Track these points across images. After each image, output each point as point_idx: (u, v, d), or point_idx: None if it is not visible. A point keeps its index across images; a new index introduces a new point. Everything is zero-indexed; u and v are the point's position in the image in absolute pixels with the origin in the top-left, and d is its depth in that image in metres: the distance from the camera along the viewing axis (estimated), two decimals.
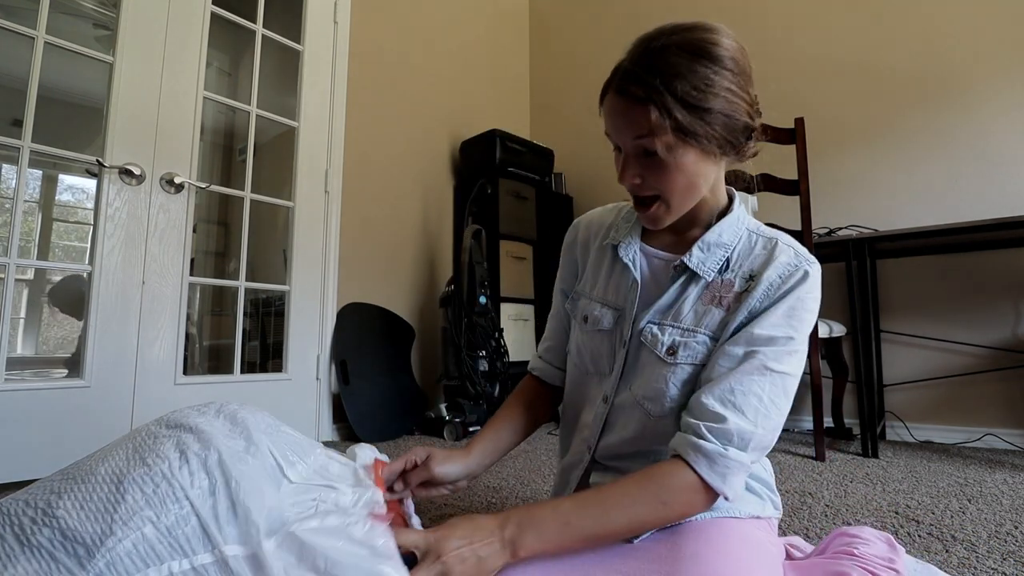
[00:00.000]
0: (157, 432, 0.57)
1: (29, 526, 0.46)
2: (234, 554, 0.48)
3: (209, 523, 0.48)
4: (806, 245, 1.85)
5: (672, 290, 0.72)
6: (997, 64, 2.21)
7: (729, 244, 0.71)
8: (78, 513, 0.46)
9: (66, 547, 0.45)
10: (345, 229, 2.44)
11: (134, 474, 0.50)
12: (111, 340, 1.74)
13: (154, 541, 0.46)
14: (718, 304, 0.69)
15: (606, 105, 0.68)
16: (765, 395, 0.63)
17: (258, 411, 0.64)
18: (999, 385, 2.11)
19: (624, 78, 0.64)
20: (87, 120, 3.20)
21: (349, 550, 0.51)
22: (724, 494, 0.62)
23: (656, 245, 0.78)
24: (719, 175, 0.72)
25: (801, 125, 1.91)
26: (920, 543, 1.07)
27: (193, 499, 0.49)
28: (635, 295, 0.75)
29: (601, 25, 3.43)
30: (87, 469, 0.51)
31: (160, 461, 0.51)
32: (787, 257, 0.68)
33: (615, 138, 0.68)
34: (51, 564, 0.44)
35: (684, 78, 0.62)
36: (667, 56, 0.63)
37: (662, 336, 0.70)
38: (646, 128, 0.63)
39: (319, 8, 2.41)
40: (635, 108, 0.63)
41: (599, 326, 0.78)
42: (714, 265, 0.70)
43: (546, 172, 3.12)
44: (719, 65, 0.63)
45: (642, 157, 0.66)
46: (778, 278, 0.67)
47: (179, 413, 0.61)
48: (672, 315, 0.71)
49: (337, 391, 2.30)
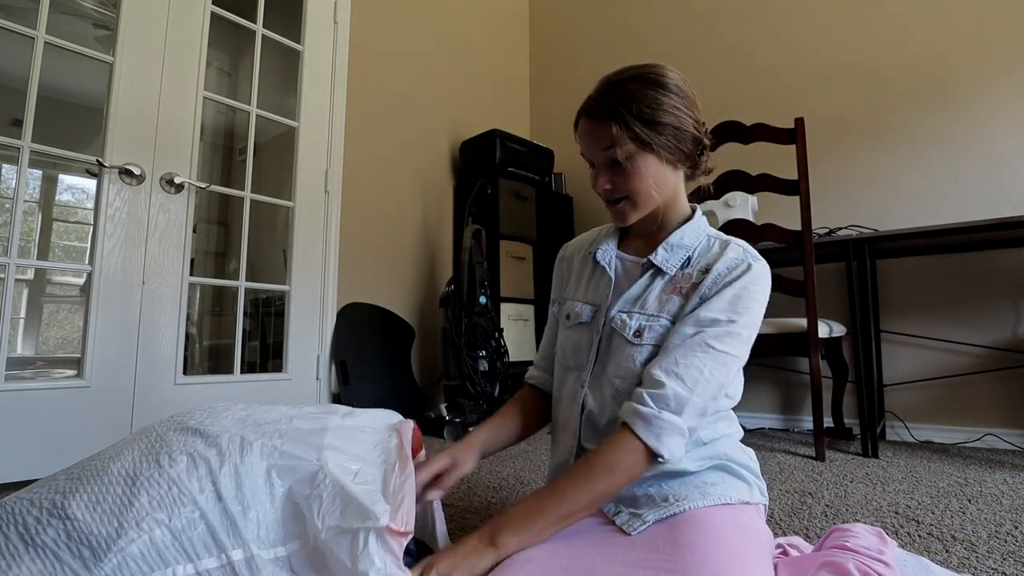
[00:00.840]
0: (166, 434, 0.57)
1: (34, 525, 0.46)
2: (238, 559, 0.48)
3: (217, 528, 0.48)
4: (806, 245, 1.86)
5: (639, 283, 0.84)
6: (997, 64, 2.21)
7: (690, 246, 0.84)
8: (91, 512, 0.47)
9: (71, 547, 0.45)
10: (345, 229, 2.44)
11: (146, 475, 0.50)
12: (111, 340, 1.74)
13: (161, 545, 0.47)
14: (678, 293, 0.80)
15: (579, 129, 0.83)
16: (705, 368, 0.73)
17: (270, 408, 0.64)
18: (999, 385, 2.11)
19: (591, 104, 0.81)
20: (87, 120, 3.20)
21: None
22: (660, 453, 0.70)
23: (630, 251, 0.90)
24: (679, 186, 0.85)
25: (801, 125, 1.91)
26: (920, 543, 1.07)
27: (201, 504, 0.49)
28: (610, 291, 0.86)
29: (601, 25, 3.43)
30: (96, 468, 0.51)
31: (171, 464, 0.51)
32: (735, 253, 0.80)
33: (588, 154, 0.83)
34: (55, 564, 0.44)
35: (638, 100, 0.77)
36: (624, 85, 0.79)
37: (630, 321, 0.81)
38: (610, 140, 0.78)
39: (319, 8, 2.41)
40: (601, 125, 0.78)
41: (579, 319, 0.89)
42: (676, 263, 0.83)
43: (546, 172, 3.13)
44: (666, 90, 0.79)
45: (610, 166, 0.81)
46: (726, 269, 0.78)
47: (188, 415, 0.61)
48: (639, 304, 0.82)
49: (337, 391, 2.30)
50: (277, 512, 0.54)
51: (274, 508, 0.54)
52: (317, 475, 0.56)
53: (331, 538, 0.53)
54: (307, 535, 0.54)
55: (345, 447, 0.62)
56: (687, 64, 3.00)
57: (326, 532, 0.53)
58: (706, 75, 2.92)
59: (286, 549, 0.52)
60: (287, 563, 0.52)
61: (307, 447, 0.59)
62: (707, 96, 3.08)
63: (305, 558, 0.53)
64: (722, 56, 2.89)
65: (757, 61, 2.79)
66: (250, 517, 0.51)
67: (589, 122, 0.80)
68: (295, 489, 0.55)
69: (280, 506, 0.54)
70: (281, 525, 0.53)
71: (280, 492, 0.55)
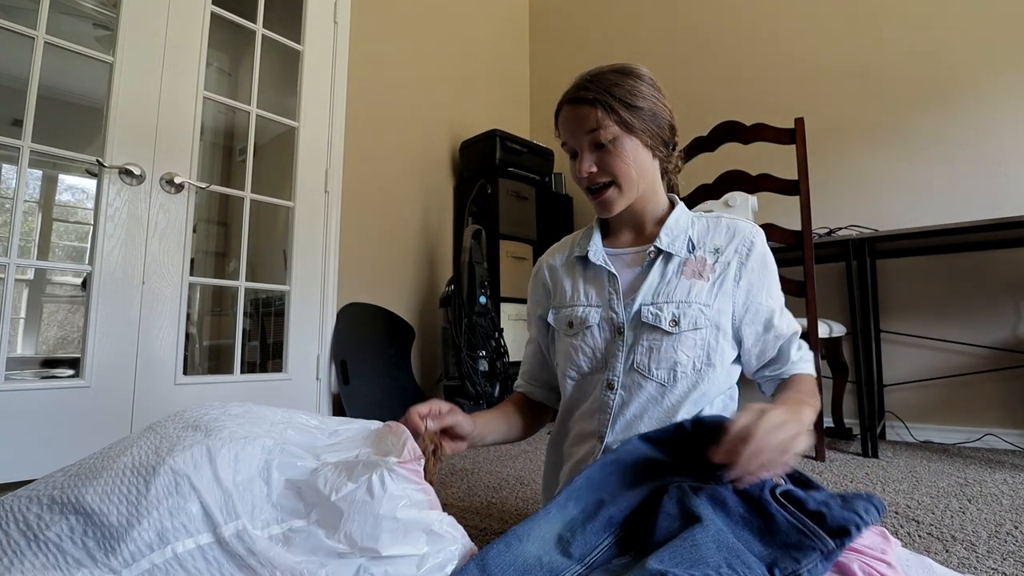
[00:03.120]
0: (168, 430, 0.58)
1: (35, 523, 0.46)
2: (230, 534, 0.49)
3: (212, 509, 0.49)
4: (806, 245, 1.86)
5: (653, 273, 0.84)
6: (997, 64, 2.21)
7: (685, 228, 0.87)
8: (107, 504, 0.47)
9: (74, 540, 0.45)
10: (345, 229, 2.44)
11: (153, 467, 0.51)
12: (111, 340, 1.74)
13: (169, 530, 0.48)
14: (699, 277, 0.83)
15: (561, 117, 0.86)
16: (784, 325, 0.86)
17: (269, 408, 0.65)
18: (999, 385, 2.11)
19: (574, 91, 0.84)
20: (87, 120, 3.20)
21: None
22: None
23: (618, 246, 0.91)
24: (657, 175, 0.89)
25: (801, 125, 1.91)
26: (920, 543, 1.07)
27: (201, 490, 0.50)
28: (616, 285, 0.86)
29: (601, 25, 3.43)
30: (102, 464, 0.52)
31: (175, 457, 0.52)
32: (737, 228, 0.86)
33: (572, 142, 0.85)
34: (58, 556, 0.45)
35: (619, 86, 0.81)
36: (604, 75, 0.83)
37: (663, 313, 0.81)
38: (595, 123, 0.80)
39: (319, 8, 2.41)
40: (585, 109, 0.81)
41: (587, 324, 0.86)
42: (681, 245, 0.85)
43: (546, 172, 3.13)
44: (642, 80, 0.84)
45: (594, 150, 0.83)
46: (744, 248, 0.85)
47: (191, 412, 0.62)
48: (664, 294, 0.83)
49: (337, 391, 2.30)
50: (274, 497, 0.54)
51: (272, 493, 0.54)
52: (318, 468, 0.57)
53: (344, 496, 0.53)
54: (308, 513, 0.54)
55: (340, 448, 0.63)
56: (687, 64, 3.00)
57: (336, 494, 0.53)
58: (706, 75, 2.92)
59: (280, 527, 0.52)
60: (281, 539, 0.52)
61: (305, 451, 0.60)
62: (707, 96, 3.09)
63: (308, 530, 0.53)
64: (722, 56, 2.89)
65: (757, 61, 2.79)
66: (245, 499, 0.52)
67: (573, 108, 0.83)
68: (294, 478, 0.56)
69: (278, 493, 0.54)
70: (280, 508, 0.54)
71: (278, 479, 0.55)
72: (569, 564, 0.55)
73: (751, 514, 0.60)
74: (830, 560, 0.56)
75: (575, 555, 0.56)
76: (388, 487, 0.53)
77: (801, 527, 0.58)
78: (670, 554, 0.50)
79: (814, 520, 0.58)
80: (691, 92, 2.91)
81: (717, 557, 0.51)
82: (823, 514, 0.58)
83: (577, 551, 0.57)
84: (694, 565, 0.49)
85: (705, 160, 2.08)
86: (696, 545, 0.52)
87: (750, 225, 0.87)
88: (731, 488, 0.62)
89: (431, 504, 0.56)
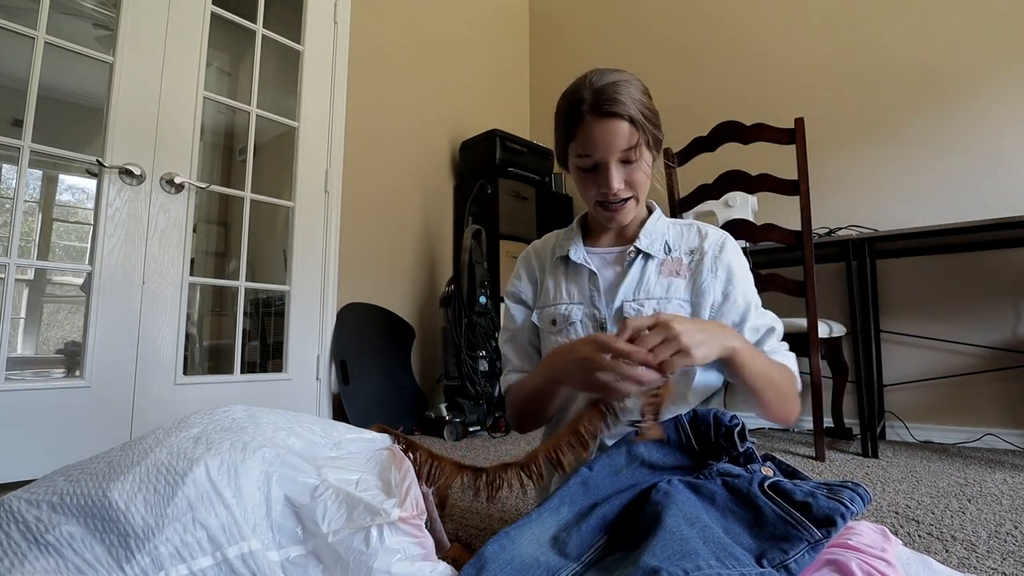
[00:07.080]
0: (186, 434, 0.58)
1: (35, 524, 0.46)
2: (235, 555, 0.48)
3: (235, 524, 0.49)
4: (806, 245, 1.86)
5: (632, 272, 0.88)
6: (997, 64, 2.21)
7: (662, 232, 0.91)
8: (135, 504, 0.48)
9: (73, 545, 0.45)
10: (345, 229, 2.44)
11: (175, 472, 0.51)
12: (111, 340, 1.74)
13: (192, 542, 0.48)
14: (676, 276, 0.87)
15: (587, 129, 0.80)
16: (764, 322, 0.86)
17: (276, 412, 0.65)
18: (999, 385, 2.11)
19: (606, 104, 0.78)
20: (87, 120, 3.20)
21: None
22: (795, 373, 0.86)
23: (599, 247, 0.94)
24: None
25: (801, 125, 1.91)
26: (920, 543, 1.07)
27: (228, 502, 0.50)
28: (596, 283, 0.89)
29: (601, 25, 3.43)
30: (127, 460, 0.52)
31: (194, 465, 0.52)
32: (713, 232, 0.90)
33: (597, 155, 0.81)
34: (59, 560, 0.44)
35: (639, 101, 0.80)
36: (621, 86, 0.80)
37: (644, 309, 0.85)
38: (633, 140, 0.79)
39: (319, 8, 2.41)
40: (621, 125, 0.78)
41: (570, 320, 0.89)
42: (659, 247, 0.89)
43: (546, 172, 3.13)
44: (645, 94, 0.83)
45: (622, 166, 0.82)
46: (716, 247, 0.88)
47: (203, 415, 0.62)
48: (643, 291, 0.86)
49: (337, 391, 2.30)
50: (273, 515, 0.54)
51: (271, 511, 0.54)
52: (318, 488, 0.56)
53: (341, 540, 0.53)
54: (307, 541, 0.54)
55: (342, 466, 0.63)
56: (687, 64, 3.00)
57: (334, 536, 0.53)
58: (706, 75, 2.92)
59: (278, 554, 0.52)
60: (281, 567, 0.52)
61: (306, 462, 0.60)
62: (707, 96, 3.08)
63: (307, 561, 0.53)
64: (722, 56, 2.89)
65: (757, 61, 2.79)
66: (249, 518, 0.51)
67: (605, 122, 0.78)
68: (293, 498, 0.55)
69: (277, 512, 0.54)
70: (278, 530, 0.53)
71: (277, 494, 0.55)
72: (566, 563, 0.55)
73: (740, 507, 0.61)
74: (817, 550, 0.57)
75: (571, 554, 0.57)
76: (386, 541, 0.53)
77: (788, 518, 0.59)
78: (661, 547, 0.51)
79: (800, 511, 0.59)
80: (691, 92, 2.91)
81: (705, 550, 0.52)
82: (809, 504, 0.59)
83: (573, 550, 0.57)
84: (685, 557, 0.50)
85: (705, 160, 2.08)
86: (685, 539, 0.53)
87: (720, 230, 0.91)
88: (720, 483, 0.64)
89: (425, 556, 0.56)
